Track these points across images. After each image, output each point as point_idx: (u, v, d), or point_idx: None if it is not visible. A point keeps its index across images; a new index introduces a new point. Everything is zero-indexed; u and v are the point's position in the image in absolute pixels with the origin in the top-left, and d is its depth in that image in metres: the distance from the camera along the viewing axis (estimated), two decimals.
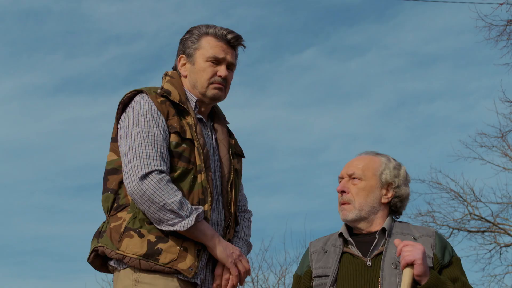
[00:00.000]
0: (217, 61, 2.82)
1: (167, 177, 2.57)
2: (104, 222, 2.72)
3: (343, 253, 2.94)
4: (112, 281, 2.69)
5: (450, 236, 16.41)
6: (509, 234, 16.20)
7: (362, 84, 20.12)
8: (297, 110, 19.67)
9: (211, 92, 2.82)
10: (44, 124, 19.51)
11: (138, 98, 2.73)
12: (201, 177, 2.66)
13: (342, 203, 3.00)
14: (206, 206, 2.66)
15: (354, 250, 2.94)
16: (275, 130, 19.24)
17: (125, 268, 2.59)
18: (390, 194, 3.00)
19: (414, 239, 2.91)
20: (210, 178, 2.70)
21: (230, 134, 2.99)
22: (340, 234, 2.99)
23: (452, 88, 20.50)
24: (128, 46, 19.31)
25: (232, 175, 2.83)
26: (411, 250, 2.67)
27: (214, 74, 2.81)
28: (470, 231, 16.47)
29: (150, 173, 2.53)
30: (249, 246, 2.96)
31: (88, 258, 2.70)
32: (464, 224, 16.51)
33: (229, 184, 2.82)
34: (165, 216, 2.52)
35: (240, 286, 2.74)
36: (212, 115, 2.97)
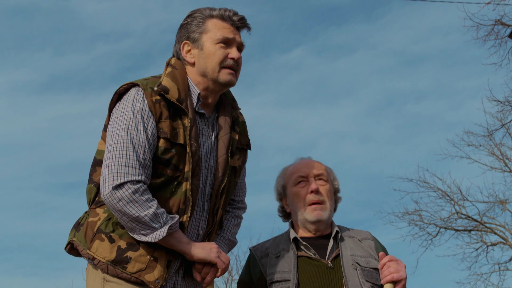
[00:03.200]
0: (227, 43, 2.65)
1: (143, 187, 2.46)
2: (85, 213, 2.68)
3: (298, 256, 2.95)
4: (86, 270, 2.66)
5: (437, 235, 16.49)
6: (495, 233, 16.29)
7: (350, 83, 20.19)
8: (285, 109, 19.70)
9: (223, 77, 2.63)
10: (32, 121, 19.45)
11: (133, 91, 2.57)
12: (186, 186, 2.55)
13: (315, 202, 3.01)
14: (185, 217, 2.56)
15: (310, 253, 2.96)
16: (263, 128, 19.25)
17: (95, 265, 2.55)
18: (334, 199, 3.14)
19: (359, 241, 3.01)
20: (196, 188, 2.57)
21: (234, 128, 2.79)
22: (294, 239, 3.00)
23: (439, 87, 20.62)
24: (116, 43, 19.28)
25: (225, 179, 2.70)
26: (398, 268, 2.77)
27: (226, 57, 2.63)
28: (457, 230, 16.56)
29: (125, 183, 2.42)
30: (231, 245, 2.88)
31: (65, 248, 2.66)
32: (451, 223, 16.61)
33: (221, 189, 2.69)
34: (137, 226, 2.45)
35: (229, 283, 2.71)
36: (219, 104, 2.78)
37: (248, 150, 2.90)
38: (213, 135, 2.72)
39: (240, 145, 2.82)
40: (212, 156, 2.70)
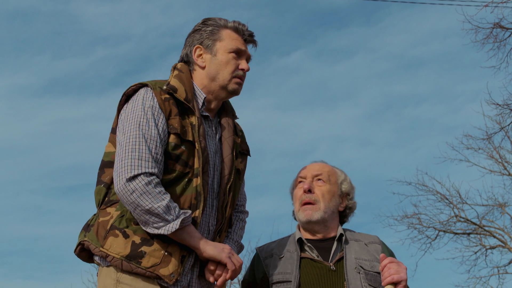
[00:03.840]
0: (239, 54, 2.77)
1: (156, 180, 2.50)
2: (94, 215, 2.69)
3: (301, 258, 2.95)
4: (97, 275, 2.66)
5: (436, 238, 16.48)
6: (494, 237, 16.29)
7: (349, 86, 20.20)
8: (285, 112, 19.70)
9: (232, 86, 2.75)
10: (31, 125, 19.43)
11: (142, 91, 2.64)
12: (196, 181, 2.59)
13: (306, 203, 3.01)
14: (197, 212, 2.59)
15: (314, 254, 2.96)
16: (263, 132, 19.24)
17: (108, 266, 2.55)
18: (344, 204, 3.11)
19: (366, 245, 3.00)
20: (206, 183, 2.62)
21: (236, 132, 2.89)
22: (299, 239, 3.00)
23: (438, 91, 20.63)
24: (115, 47, 19.28)
25: (232, 177, 2.75)
26: (398, 270, 2.75)
27: (237, 68, 2.76)
28: (456, 233, 16.55)
29: (138, 175, 2.47)
30: (239, 247, 2.90)
31: (75, 250, 2.67)
32: (450, 226, 16.59)
33: (228, 187, 2.74)
34: (150, 219, 2.47)
35: (228, 285, 2.69)
36: (220, 111, 2.88)
37: (248, 157, 2.97)
38: (217, 137, 2.80)
39: (241, 150, 2.89)
40: (217, 156, 2.76)
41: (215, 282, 2.65)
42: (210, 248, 2.58)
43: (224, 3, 18.16)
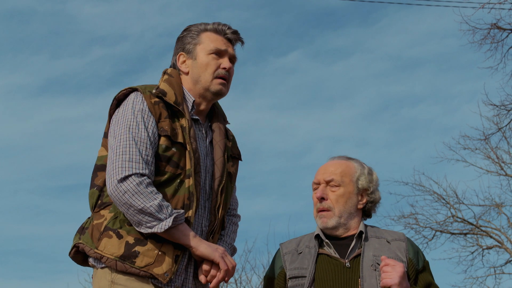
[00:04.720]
0: (219, 54, 2.80)
1: (148, 180, 2.54)
2: (88, 218, 2.72)
3: (318, 254, 2.96)
4: (91, 277, 2.69)
5: (433, 238, 16.49)
6: (491, 237, 16.31)
7: (346, 87, 20.21)
8: (281, 113, 19.71)
9: (214, 87, 2.78)
10: (28, 124, 19.39)
11: (132, 96, 2.70)
12: (189, 182, 2.63)
13: (321, 210, 3.01)
14: (190, 212, 2.62)
15: (331, 251, 2.96)
16: (259, 132, 19.27)
17: (103, 267, 2.58)
18: (364, 200, 3.07)
19: (388, 242, 2.98)
20: (198, 184, 2.66)
21: (227, 136, 2.92)
22: (317, 236, 3.01)
23: (435, 91, 20.65)
24: (112, 47, 19.26)
25: (224, 179, 2.79)
26: (390, 272, 2.74)
27: (218, 67, 2.78)
28: (452, 233, 16.56)
29: (129, 176, 2.51)
30: (233, 250, 2.93)
31: (69, 253, 2.70)
32: (447, 226, 16.60)
33: (220, 188, 2.77)
34: (143, 218, 2.50)
35: (224, 285, 2.70)
36: (211, 115, 2.92)
37: (240, 162, 3.00)
38: (207, 140, 2.83)
39: (232, 154, 2.93)
40: (208, 159, 2.79)
41: (209, 284, 2.66)
42: (203, 247, 2.60)
43: (222, 3, 18.18)
